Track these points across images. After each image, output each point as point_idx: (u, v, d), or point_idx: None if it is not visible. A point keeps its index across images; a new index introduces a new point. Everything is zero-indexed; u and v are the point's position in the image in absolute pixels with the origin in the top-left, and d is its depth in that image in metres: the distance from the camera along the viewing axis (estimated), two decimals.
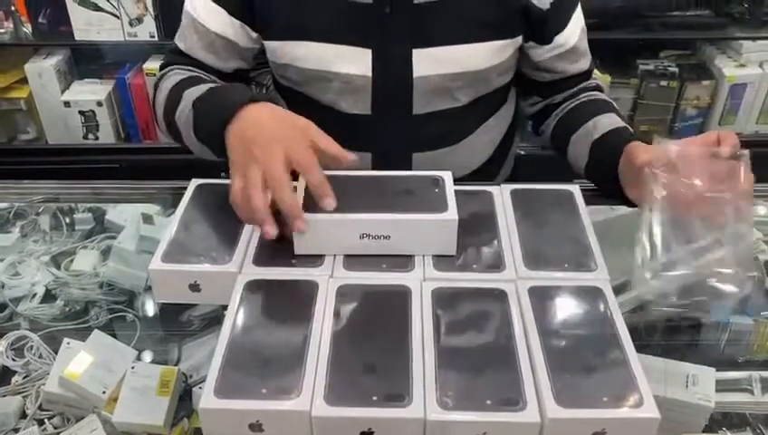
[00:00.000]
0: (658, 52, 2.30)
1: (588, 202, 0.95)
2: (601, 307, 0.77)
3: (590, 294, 0.79)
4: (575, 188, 0.94)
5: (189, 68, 1.07)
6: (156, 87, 1.09)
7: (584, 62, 1.12)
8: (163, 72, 1.09)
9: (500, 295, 0.78)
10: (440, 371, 0.69)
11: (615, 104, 1.11)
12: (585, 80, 1.14)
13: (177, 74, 1.05)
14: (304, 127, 0.83)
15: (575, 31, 1.08)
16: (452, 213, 0.84)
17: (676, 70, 2.22)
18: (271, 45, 1.04)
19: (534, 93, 1.17)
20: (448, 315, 0.76)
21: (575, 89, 1.13)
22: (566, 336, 0.74)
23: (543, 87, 1.14)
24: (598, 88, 1.14)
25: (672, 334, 1.06)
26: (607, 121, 1.04)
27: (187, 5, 1.08)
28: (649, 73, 2.22)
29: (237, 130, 0.85)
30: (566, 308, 0.78)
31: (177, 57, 1.09)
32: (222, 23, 1.04)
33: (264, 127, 0.83)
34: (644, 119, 2.26)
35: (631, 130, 1.02)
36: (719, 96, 2.23)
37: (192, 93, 0.97)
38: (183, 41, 1.09)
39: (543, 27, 1.05)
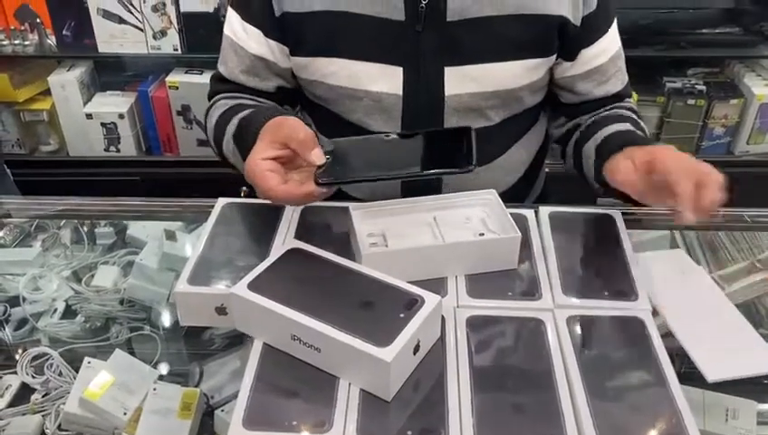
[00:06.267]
0: (686, 69, 2.27)
1: None
2: (643, 339, 0.75)
3: (631, 326, 0.76)
4: (617, 214, 0.92)
5: (233, 95, 1.08)
6: (205, 118, 1.11)
7: (613, 85, 1.09)
8: (210, 103, 1.11)
9: (537, 325, 0.76)
10: (477, 405, 0.67)
11: (638, 118, 1.07)
12: (614, 102, 1.10)
13: (220, 107, 1.06)
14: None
15: (605, 51, 1.06)
16: (390, 352, 0.67)
17: (703, 88, 2.19)
18: (301, 62, 1.03)
19: (561, 114, 1.14)
20: (484, 345, 0.74)
21: (601, 111, 1.10)
22: (607, 370, 0.71)
23: (569, 108, 1.12)
24: (630, 110, 1.10)
25: None
26: (613, 127, 1.01)
27: (226, 29, 1.08)
28: (676, 91, 2.19)
29: None
30: (606, 340, 0.76)
31: (220, 85, 1.11)
32: (259, 43, 1.04)
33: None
34: (670, 137, 2.22)
35: (638, 131, 1.01)
36: (748, 115, 2.19)
37: (230, 129, 1.00)
38: (224, 65, 1.09)
39: (571, 43, 1.03)
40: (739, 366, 0.79)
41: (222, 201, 0.97)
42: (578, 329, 0.75)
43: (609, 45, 1.06)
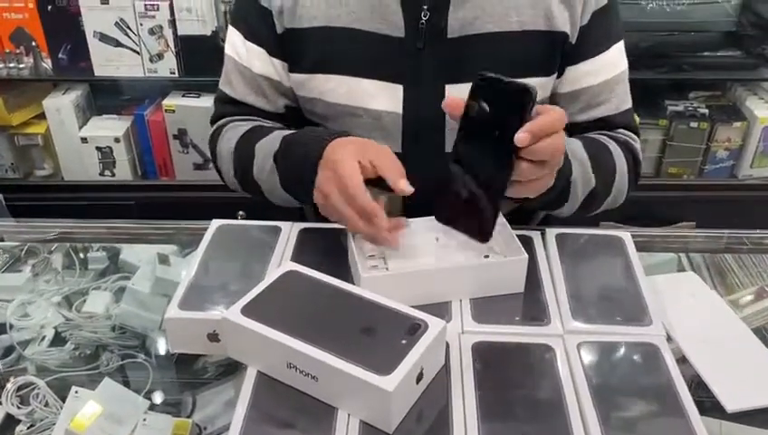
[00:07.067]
0: (687, 92, 2.27)
1: None
2: (659, 366, 0.72)
3: (645, 352, 0.73)
4: (626, 235, 0.89)
5: (245, 118, 1.07)
6: (213, 141, 1.09)
7: (602, 110, 1.04)
8: (217, 125, 1.09)
9: (546, 351, 0.73)
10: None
11: (613, 146, 1.01)
12: (601, 128, 1.05)
13: (236, 128, 1.04)
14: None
15: (600, 72, 1.02)
16: (392, 381, 0.64)
17: (706, 111, 2.18)
18: (299, 78, 1.02)
19: None
20: (490, 373, 0.71)
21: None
22: (621, 399, 0.69)
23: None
24: (619, 140, 1.04)
25: None
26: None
27: (228, 49, 1.06)
28: (679, 115, 2.18)
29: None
30: (620, 367, 0.73)
31: (227, 107, 1.09)
32: (263, 62, 1.03)
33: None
34: (673, 160, 2.22)
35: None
36: (751, 138, 2.18)
37: (265, 148, 0.97)
38: (230, 87, 1.08)
39: (565, 59, 1.00)
40: (759, 396, 0.75)
41: (216, 222, 0.95)
42: (589, 356, 0.73)
43: (607, 66, 1.02)
